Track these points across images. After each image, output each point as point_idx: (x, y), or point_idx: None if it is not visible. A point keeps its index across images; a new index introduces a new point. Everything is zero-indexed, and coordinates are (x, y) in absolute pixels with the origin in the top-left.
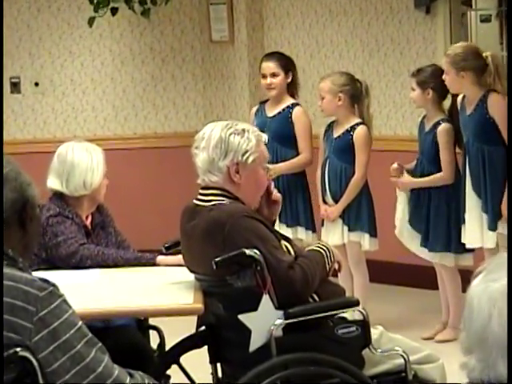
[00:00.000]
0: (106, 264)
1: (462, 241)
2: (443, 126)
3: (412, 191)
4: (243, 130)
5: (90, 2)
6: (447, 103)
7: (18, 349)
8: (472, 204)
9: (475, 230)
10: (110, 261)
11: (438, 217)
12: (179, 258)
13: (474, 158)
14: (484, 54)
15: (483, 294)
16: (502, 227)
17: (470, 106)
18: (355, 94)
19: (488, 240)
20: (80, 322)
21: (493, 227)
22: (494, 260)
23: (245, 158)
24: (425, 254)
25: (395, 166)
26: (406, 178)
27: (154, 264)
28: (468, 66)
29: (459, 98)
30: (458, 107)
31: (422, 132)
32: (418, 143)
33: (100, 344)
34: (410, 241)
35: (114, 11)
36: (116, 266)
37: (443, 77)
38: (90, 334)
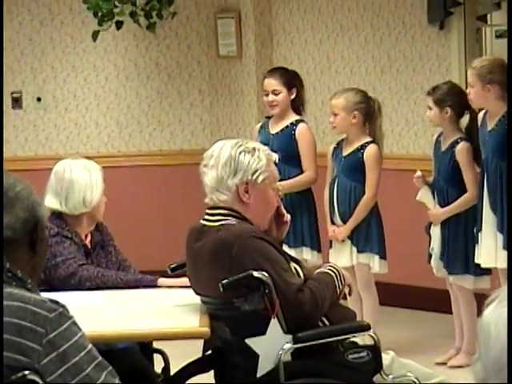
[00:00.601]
0: (106, 286)
1: (476, 260)
2: (462, 145)
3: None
4: (254, 149)
5: (95, 16)
6: (463, 121)
7: (27, 372)
8: (489, 222)
9: (490, 250)
10: (109, 283)
11: (455, 237)
12: (181, 281)
13: (493, 175)
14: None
15: (499, 319)
16: None
17: (492, 122)
18: (369, 112)
19: (502, 260)
20: (90, 345)
21: (507, 246)
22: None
23: (255, 177)
24: (444, 275)
25: (419, 173)
26: (437, 210)
27: (156, 286)
28: (495, 79)
29: (480, 114)
30: (479, 123)
31: (438, 151)
32: (433, 162)
33: (110, 367)
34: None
35: (119, 25)
36: (116, 287)
37: (467, 90)
38: (100, 357)
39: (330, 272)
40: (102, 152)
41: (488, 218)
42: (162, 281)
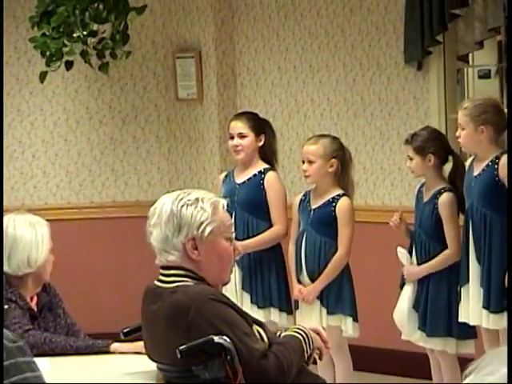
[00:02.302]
0: (54, 353)
1: (460, 319)
2: (446, 196)
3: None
4: (196, 200)
5: (42, 55)
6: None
7: None
8: (475, 275)
9: (476, 306)
10: (58, 349)
11: (437, 296)
12: (136, 346)
13: (478, 224)
14: (506, 110)
15: None
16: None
17: (479, 167)
18: (345, 161)
19: (486, 320)
20: None
21: (486, 305)
22: (489, 355)
23: (200, 230)
24: (424, 341)
25: (397, 217)
26: (413, 267)
27: (108, 352)
28: (488, 120)
29: (468, 161)
30: (466, 169)
31: (419, 202)
32: (414, 215)
33: None
34: (414, 330)
35: (69, 65)
36: (65, 354)
37: (457, 133)
38: None
39: (297, 335)
40: (50, 203)
41: (474, 270)
42: (114, 347)
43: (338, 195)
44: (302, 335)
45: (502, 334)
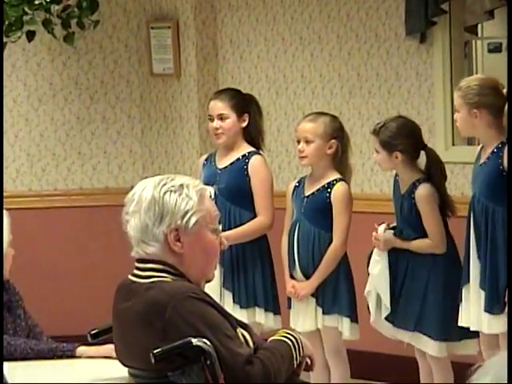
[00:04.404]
0: (13, 357)
1: (460, 323)
2: (421, 188)
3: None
4: (181, 186)
5: None
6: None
7: None
8: (475, 275)
9: (476, 309)
10: (17, 353)
11: (413, 287)
12: (106, 349)
13: (479, 217)
14: (504, 91)
15: None
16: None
17: (485, 154)
18: (344, 143)
19: (486, 325)
20: None
21: (488, 309)
22: (491, 362)
23: (185, 220)
24: (393, 331)
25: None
26: (389, 236)
27: (73, 357)
28: (483, 103)
29: (477, 149)
30: (475, 158)
31: (397, 192)
32: (394, 205)
33: None
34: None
35: (30, 36)
36: (25, 358)
37: (455, 116)
38: None
39: (286, 340)
40: (10, 190)
41: (474, 269)
42: (81, 350)
43: (335, 180)
44: (291, 340)
45: (501, 337)
